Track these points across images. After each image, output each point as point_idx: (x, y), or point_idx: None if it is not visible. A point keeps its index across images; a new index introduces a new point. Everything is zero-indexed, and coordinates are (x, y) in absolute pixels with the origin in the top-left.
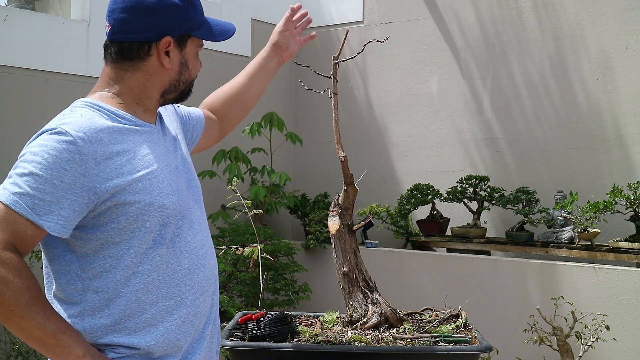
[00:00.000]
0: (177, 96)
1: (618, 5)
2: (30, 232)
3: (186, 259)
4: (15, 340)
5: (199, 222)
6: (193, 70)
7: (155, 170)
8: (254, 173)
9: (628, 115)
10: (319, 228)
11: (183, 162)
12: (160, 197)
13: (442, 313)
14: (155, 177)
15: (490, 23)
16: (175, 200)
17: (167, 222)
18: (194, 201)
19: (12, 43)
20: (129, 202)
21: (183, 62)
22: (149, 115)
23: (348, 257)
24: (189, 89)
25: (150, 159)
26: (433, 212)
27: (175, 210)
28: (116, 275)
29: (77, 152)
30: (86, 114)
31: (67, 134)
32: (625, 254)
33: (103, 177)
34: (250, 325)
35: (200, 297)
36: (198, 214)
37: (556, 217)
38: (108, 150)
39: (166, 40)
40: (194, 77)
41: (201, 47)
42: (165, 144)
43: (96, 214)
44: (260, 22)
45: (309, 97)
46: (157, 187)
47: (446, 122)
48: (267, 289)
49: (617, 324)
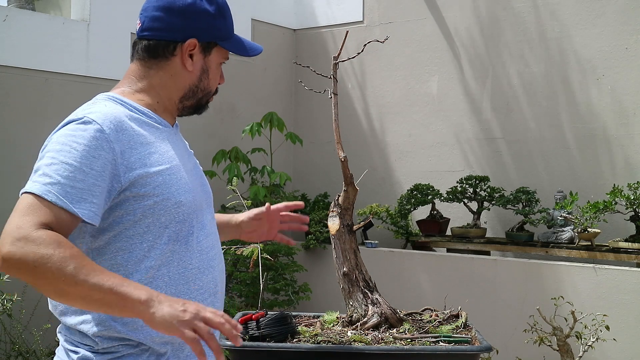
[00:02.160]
0: (195, 105)
1: (618, 5)
2: (66, 219)
3: (197, 259)
4: (15, 340)
5: (210, 225)
6: (213, 80)
7: (174, 166)
8: (254, 173)
9: (628, 115)
10: (319, 228)
11: (197, 167)
12: (178, 194)
13: (442, 313)
14: (174, 173)
15: (490, 23)
16: (191, 198)
17: (182, 219)
18: (207, 204)
19: (12, 43)
20: (148, 194)
21: (205, 69)
22: (167, 116)
23: (348, 257)
24: (207, 100)
25: (170, 155)
26: (433, 212)
27: (190, 209)
28: (128, 268)
29: (105, 139)
30: (110, 105)
31: (94, 122)
32: (625, 254)
33: (127, 166)
34: (250, 325)
35: (208, 299)
36: (209, 217)
37: (556, 217)
38: (133, 140)
39: (191, 42)
40: (212, 89)
41: (226, 59)
42: (180, 144)
43: (113, 205)
44: (260, 22)
45: (309, 97)
46: (176, 183)
47: (446, 122)
48: (267, 289)
49: (617, 324)
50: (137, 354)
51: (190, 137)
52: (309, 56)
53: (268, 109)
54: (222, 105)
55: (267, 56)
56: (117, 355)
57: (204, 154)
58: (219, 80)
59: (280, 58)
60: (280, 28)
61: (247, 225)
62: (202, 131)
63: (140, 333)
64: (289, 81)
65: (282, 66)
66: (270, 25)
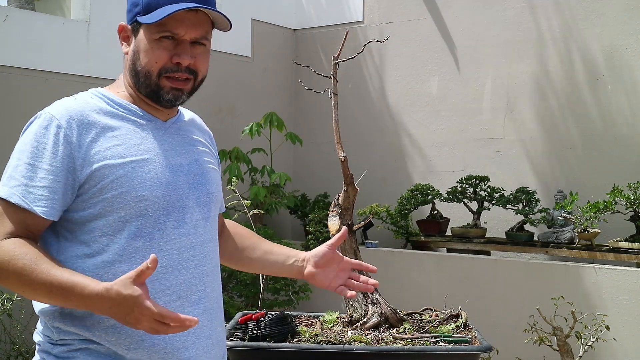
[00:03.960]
0: (148, 92)
1: (618, 5)
2: (31, 221)
3: (165, 257)
4: (15, 340)
5: (196, 225)
6: (146, 60)
7: (143, 160)
8: (254, 173)
9: (628, 115)
10: (319, 228)
11: (193, 165)
12: (140, 187)
13: (442, 313)
14: (141, 167)
15: (490, 23)
16: (160, 194)
17: (144, 214)
18: (197, 204)
19: (12, 43)
20: (106, 187)
21: (135, 50)
22: (151, 108)
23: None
24: (158, 86)
25: (140, 149)
26: (433, 212)
27: (156, 204)
28: (87, 262)
29: (62, 134)
30: (80, 97)
31: (53, 117)
32: (625, 254)
33: (86, 159)
34: (250, 325)
35: (176, 301)
36: (197, 217)
37: (556, 217)
38: (96, 134)
39: (119, 27)
40: (151, 69)
41: (163, 33)
42: (171, 140)
43: (77, 198)
44: (260, 22)
45: (309, 97)
46: (140, 176)
47: (446, 122)
48: (267, 289)
49: (617, 324)
50: (91, 350)
51: None
52: (309, 56)
53: (268, 109)
54: (222, 105)
55: (267, 56)
56: (72, 347)
57: None
58: (161, 59)
59: (280, 58)
60: (280, 28)
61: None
62: None
63: (90, 331)
64: (289, 81)
65: (282, 66)
66: (270, 25)
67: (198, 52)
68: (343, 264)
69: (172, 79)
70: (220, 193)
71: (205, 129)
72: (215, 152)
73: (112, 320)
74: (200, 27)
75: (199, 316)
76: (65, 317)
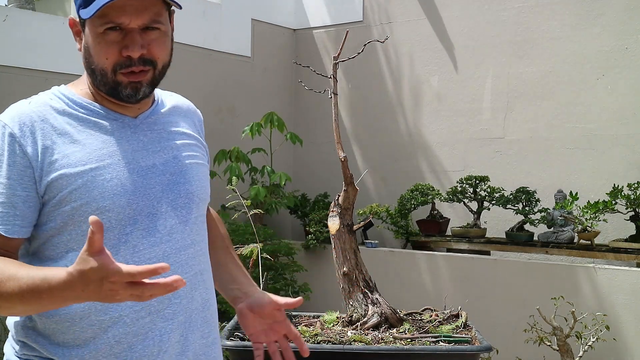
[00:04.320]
0: (107, 90)
1: (618, 5)
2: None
3: None
4: None
5: (170, 231)
6: (97, 55)
7: (103, 166)
8: (254, 173)
9: (628, 115)
10: (319, 228)
11: (169, 163)
12: (101, 198)
13: (442, 313)
14: (102, 174)
15: (490, 23)
16: (124, 202)
17: (107, 228)
18: (172, 208)
19: (12, 43)
20: (65, 200)
21: (86, 47)
22: (120, 107)
23: (348, 257)
24: (115, 82)
25: (102, 154)
26: (433, 212)
27: (121, 214)
28: None
29: (17, 143)
30: (36, 100)
31: (6, 126)
32: (625, 254)
33: (44, 169)
34: None
35: (146, 317)
36: (172, 223)
37: (556, 217)
38: (53, 140)
39: (70, 21)
40: (103, 66)
41: (106, 25)
42: (142, 138)
43: (41, 211)
44: (260, 22)
45: (309, 97)
46: (101, 185)
47: (446, 122)
48: (267, 289)
49: (617, 324)
50: None
51: None
52: (309, 56)
53: (268, 109)
54: (222, 105)
55: (267, 56)
56: None
57: None
58: (110, 54)
59: (280, 58)
60: (280, 28)
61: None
62: None
63: (51, 350)
64: (289, 81)
65: (282, 66)
66: (270, 25)
67: (151, 38)
68: (278, 325)
69: (128, 74)
70: (207, 189)
71: (192, 112)
72: (203, 138)
73: (79, 340)
74: (147, 10)
75: (171, 333)
76: (28, 331)
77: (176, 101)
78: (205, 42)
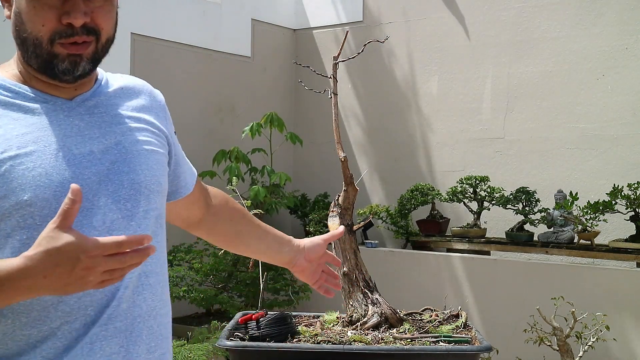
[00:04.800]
0: (42, 65)
1: (618, 5)
2: None
3: None
4: None
5: (110, 228)
6: (30, 24)
7: (25, 154)
8: (254, 173)
9: (628, 115)
10: (319, 228)
11: (111, 150)
12: (21, 191)
13: (442, 313)
14: (22, 163)
15: (490, 23)
16: (50, 195)
17: (30, 225)
18: (113, 201)
19: (12, 43)
20: None
21: (17, 13)
22: (53, 88)
23: (348, 257)
24: (51, 55)
25: (24, 141)
26: (433, 212)
27: (45, 209)
28: None
29: None
30: None
31: None
32: (625, 254)
33: None
34: (250, 325)
35: (79, 329)
36: (114, 217)
37: (556, 217)
38: None
39: None
40: (39, 34)
41: None
42: (77, 123)
43: None
44: (260, 22)
45: (309, 97)
46: (22, 176)
47: (446, 122)
48: (267, 289)
49: (617, 324)
50: None
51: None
52: (309, 56)
53: (268, 109)
54: (222, 105)
55: (267, 56)
56: None
57: (205, 154)
58: (47, 20)
59: (280, 58)
60: (280, 28)
61: (311, 251)
62: (202, 131)
63: None
64: (289, 81)
65: (282, 66)
66: (270, 25)
67: (96, 5)
68: (324, 256)
69: (68, 45)
70: (160, 179)
71: (146, 93)
72: (167, 124)
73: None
74: None
75: (106, 340)
76: None
77: (127, 81)
78: (205, 42)
